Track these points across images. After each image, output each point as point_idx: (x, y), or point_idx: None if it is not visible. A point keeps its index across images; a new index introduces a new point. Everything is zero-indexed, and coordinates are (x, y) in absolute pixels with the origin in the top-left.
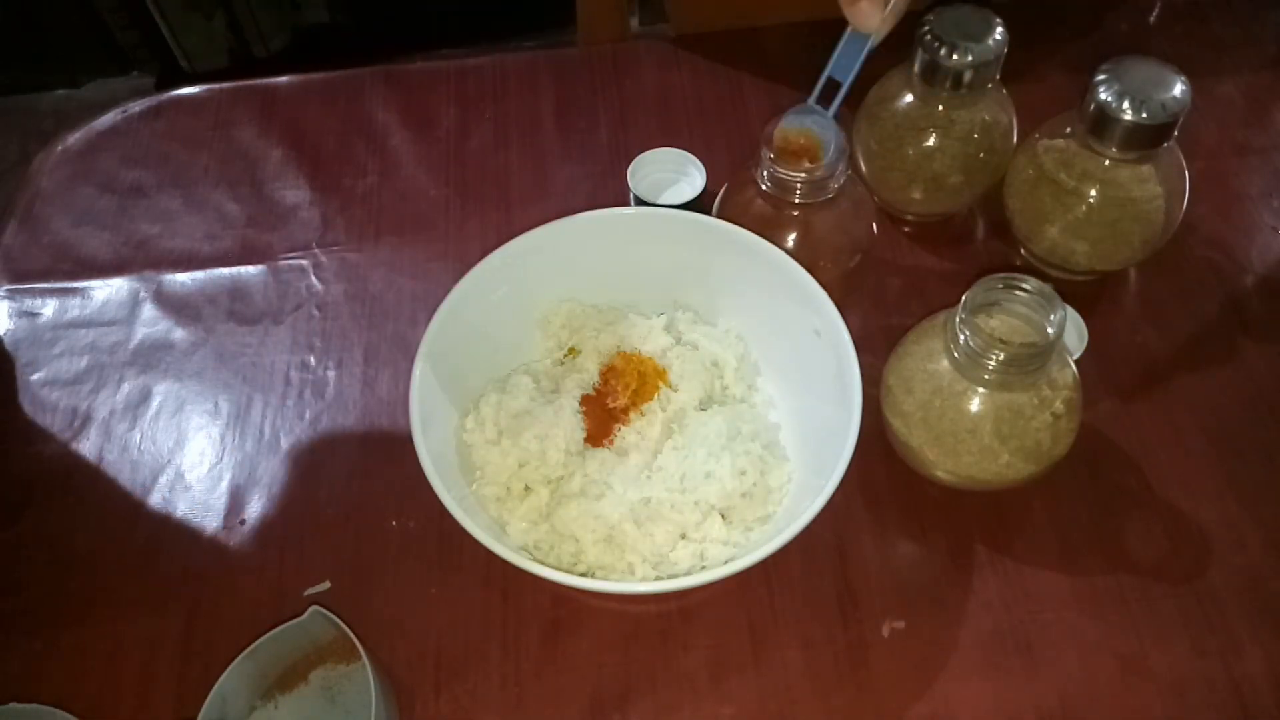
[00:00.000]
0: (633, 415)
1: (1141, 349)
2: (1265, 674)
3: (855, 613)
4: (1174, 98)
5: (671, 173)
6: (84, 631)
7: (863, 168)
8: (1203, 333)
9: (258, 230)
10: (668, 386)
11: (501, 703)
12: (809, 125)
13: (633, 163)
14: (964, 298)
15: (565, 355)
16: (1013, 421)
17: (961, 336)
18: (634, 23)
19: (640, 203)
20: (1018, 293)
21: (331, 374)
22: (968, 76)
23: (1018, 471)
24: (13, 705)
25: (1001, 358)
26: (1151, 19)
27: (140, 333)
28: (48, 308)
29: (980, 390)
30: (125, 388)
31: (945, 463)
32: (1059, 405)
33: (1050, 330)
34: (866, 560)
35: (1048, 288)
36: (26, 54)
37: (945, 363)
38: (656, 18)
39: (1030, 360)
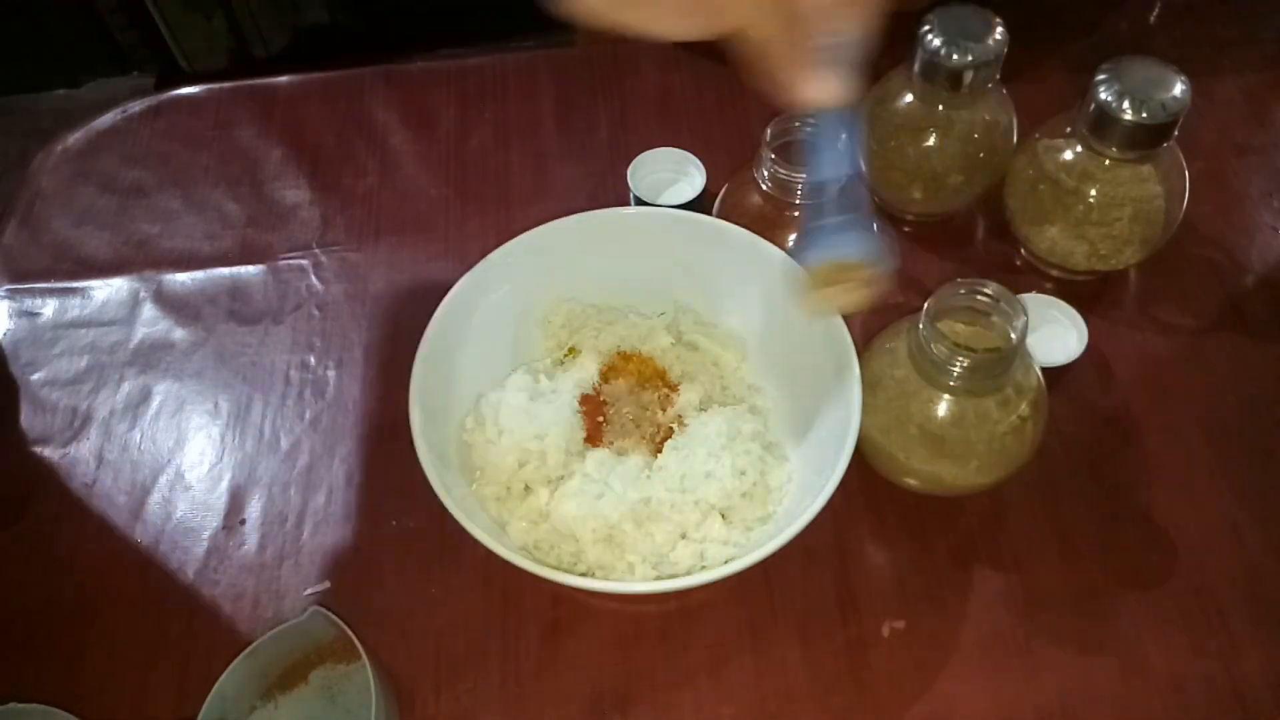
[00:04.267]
0: (631, 416)
1: (1141, 349)
2: (1265, 674)
3: (855, 613)
4: (1174, 98)
5: (671, 173)
6: (84, 631)
7: (862, 167)
8: (1203, 333)
9: (258, 230)
10: (668, 387)
11: (501, 703)
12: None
13: (633, 163)
14: (926, 304)
15: (565, 355)
16: (978, 427)
17: (925, 343)
18: None
19: (640, 203)
20: (980, 298)
21: (331, 374)
22: (968, 76)
23: (985, 477)
24: (13, 705)
25: (965, 364)
26: (1151, 19)
27: (140, 333)
28: (48, 308)
29: (945, 396)
30: (125, 388)
31: (912, 467)
32: (1025, 409)
33: (1013, 335)
34: (866, 560)
35: (1009, 293)
36: (26, 54)
37: (910, 368)
38: None
39: (994, 366)
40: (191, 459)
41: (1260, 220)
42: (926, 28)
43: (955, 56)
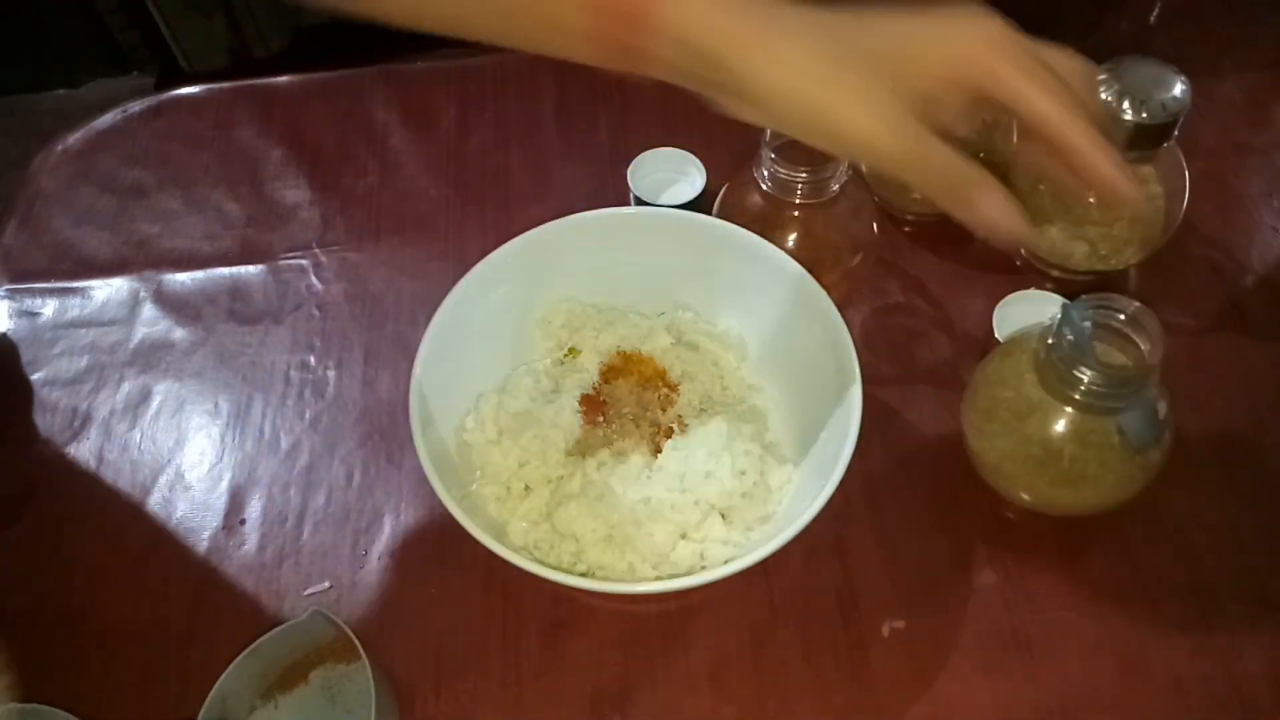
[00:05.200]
0: (631, 416)
1: None
2: (1265, 674)
3: (855, 613)
4: (1174, 98)
5: (671, 173)
6: (84, 631)
7: (863, 167)
8: (1203, 333)
9: (258, 230)
10: (668, 387)
11: (501, 703)
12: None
13: (633, 163)
14: (1069, 316)
15: (565, 355)
16: (1108, 447)
17: (1067, 363)
18: None
19: (640, 203)
20: (1119, 316)
21: (331, 374)
22: None
23: (1113, 498)
24: (13, 705)
25: (1103, 381)
26: (1151, 19)
27: (140, 333)
28: (48, 308)
29: (1085, 416)
30: (125, 388)
31: (1043, 486)
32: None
33: (1147, 349)
34: (866, 560)
35: (1146, 311)
36: (26, 54)
37: (1040, 389)
38: None
39: (1132, 382)
40: (191, 459)
41: (1260, 220)
42: None
43: None
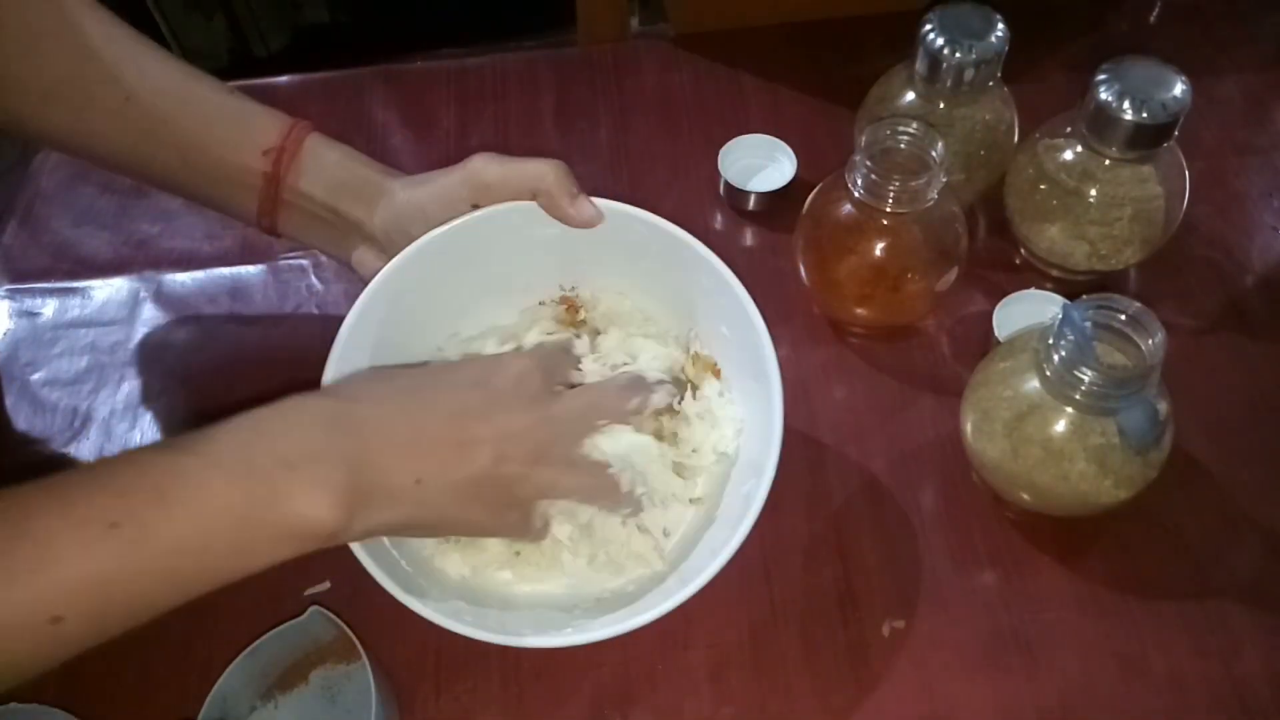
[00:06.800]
0: None
1: None
2: (1265, 674)
3: (855, 612)
4: (1174, 98)
5: (761, 159)
6: None
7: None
8: (1203, 333)
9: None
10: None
11: (501, 702)
12: None
13: (723, 148)
14: (1069, 316)
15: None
16: (1108, 447)
17: (1070, 363)
18: (634, 23)
19: (729, 188)
20: (1121, 317)
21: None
22: (969, 74)
23: (1113, 497)
24: (12, 705)
25: (1108, 382)
26: (1151, 19)
27: (140, 333)
28: (48, 308)
29: (1085, 416)
30: (125, 388)
31: (1043, 485)
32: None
33: (1147, 349)
34: (866, 560)
35: (1147, 311)
36: None
37: (1040, 387)
38: (656, 18)
39: (1134, 382)
40: None
41: (1260, 220)
42: (928, 26)
43: (958, 54)
